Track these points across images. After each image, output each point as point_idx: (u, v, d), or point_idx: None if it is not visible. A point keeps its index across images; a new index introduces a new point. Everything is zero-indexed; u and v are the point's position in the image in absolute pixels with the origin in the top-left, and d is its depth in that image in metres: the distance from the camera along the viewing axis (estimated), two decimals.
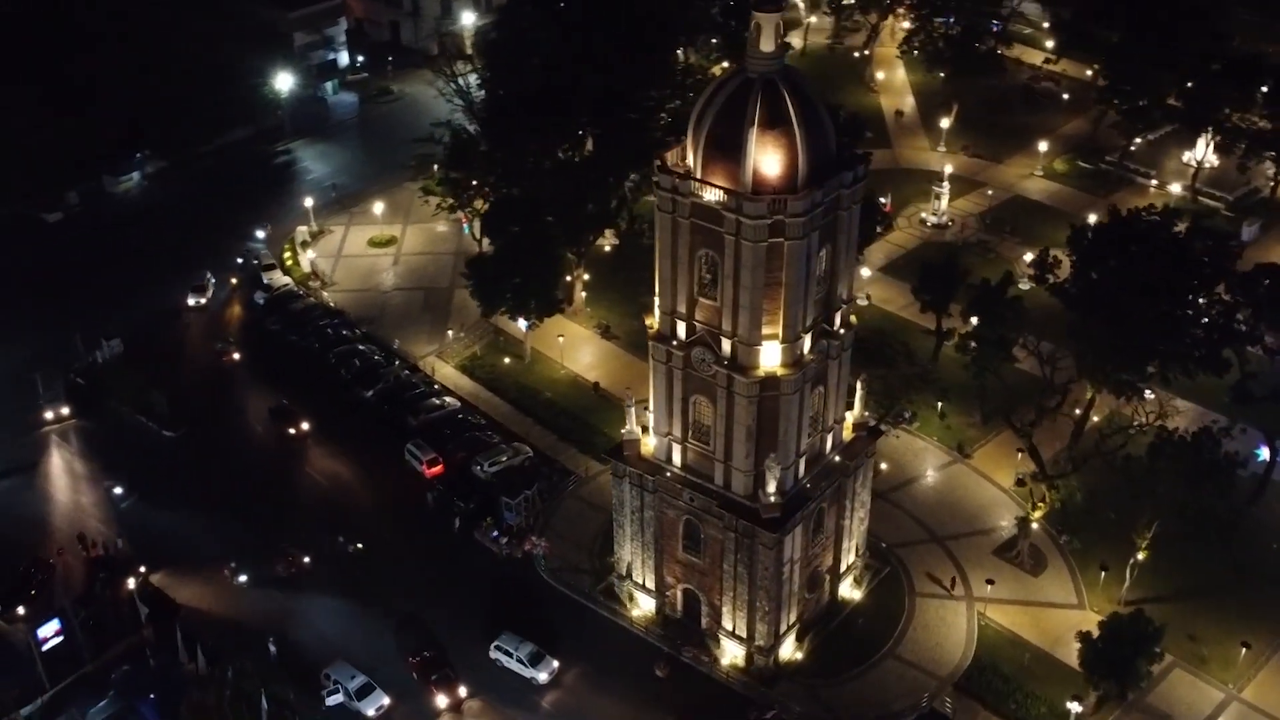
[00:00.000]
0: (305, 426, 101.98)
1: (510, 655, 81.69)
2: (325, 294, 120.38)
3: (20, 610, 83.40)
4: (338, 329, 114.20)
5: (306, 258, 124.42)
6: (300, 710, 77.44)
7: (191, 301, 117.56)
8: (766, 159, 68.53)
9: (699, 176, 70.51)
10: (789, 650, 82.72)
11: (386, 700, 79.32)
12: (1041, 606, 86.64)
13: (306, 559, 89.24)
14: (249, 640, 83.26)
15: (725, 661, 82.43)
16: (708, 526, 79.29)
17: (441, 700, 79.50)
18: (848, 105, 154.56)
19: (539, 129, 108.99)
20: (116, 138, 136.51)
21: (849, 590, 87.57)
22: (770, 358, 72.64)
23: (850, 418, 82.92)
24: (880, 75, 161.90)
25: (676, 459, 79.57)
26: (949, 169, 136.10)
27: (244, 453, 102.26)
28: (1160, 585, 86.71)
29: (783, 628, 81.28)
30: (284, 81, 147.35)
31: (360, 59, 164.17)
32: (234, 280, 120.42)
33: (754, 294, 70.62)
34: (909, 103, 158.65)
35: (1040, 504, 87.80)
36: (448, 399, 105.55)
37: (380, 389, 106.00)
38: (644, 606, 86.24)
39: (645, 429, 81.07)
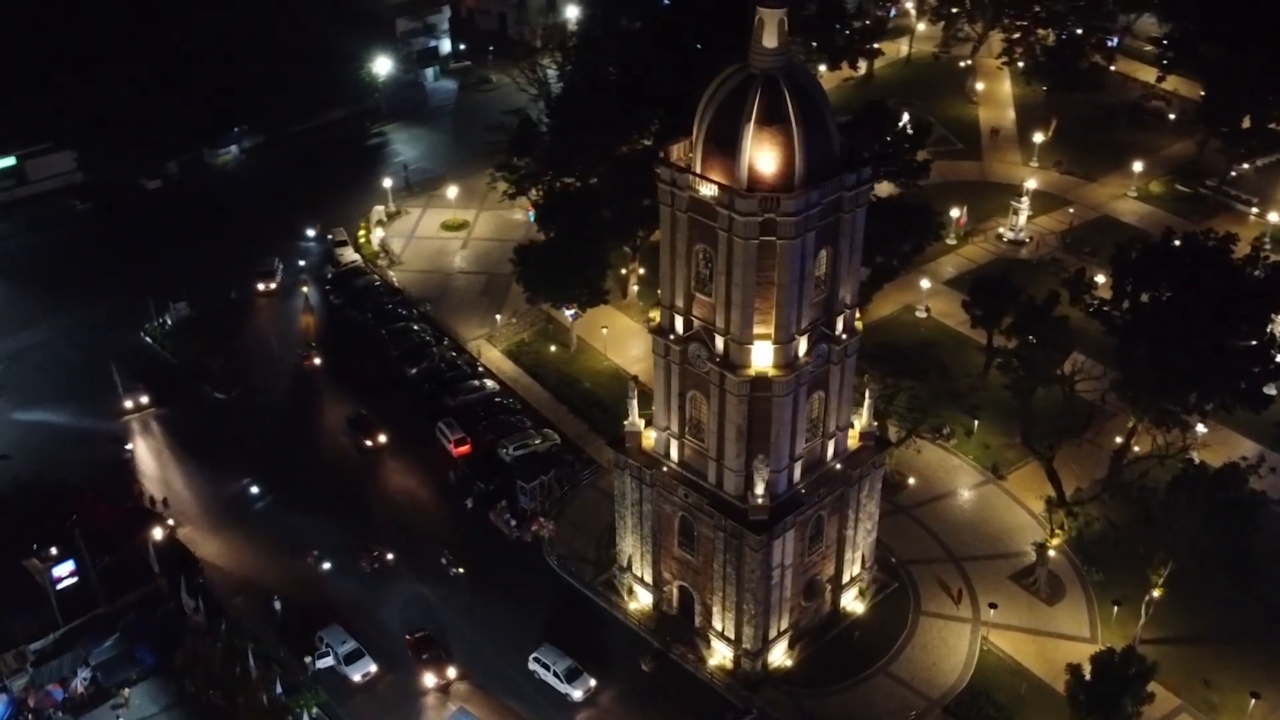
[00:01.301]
0: (383, 439, 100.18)
1: (547, 669, 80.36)
2: (391, 273, 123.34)
3: (53, 550, 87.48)
4: (396, 307, 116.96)
5: (376, 236, 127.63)
6: (290, 669, 79.56)
7: (260, 286, 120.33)
8: (762, 156, 67.81)
9: (698, 171, 70.21)
10: (780, 656, 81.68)
11: (374, 668, 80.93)
12: (1051, 637, 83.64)
13: (390, 555, 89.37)
14: (263, 600, 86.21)
15: (713, 662, 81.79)
16: (701, 524, 78.91)
17: (429, 679, 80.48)
18: (944, 116, 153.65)
19: (607, 120, 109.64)
20: (216, 112, 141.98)
21: (852, 602, 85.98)
22: (762, 358, 71.88)
23: (858, 426, 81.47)
24: (980, 86, 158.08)
25: (674, 454, 79.41)
26: (1032, 184, 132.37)
27: (285, 413, 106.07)
28: (1181, 624, 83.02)
29: (772, 633, 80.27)
30: (382, 65, 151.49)
31: (462, 47, 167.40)
32: (304, 289, 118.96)
33: (746, 292, 69.98)
34: (1009, 116, 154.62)
35: (1059, 531, 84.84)
36: (487, 382, 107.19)
37: (424, 367, 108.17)
38: (643, 600, 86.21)
39: (649, 422, 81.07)
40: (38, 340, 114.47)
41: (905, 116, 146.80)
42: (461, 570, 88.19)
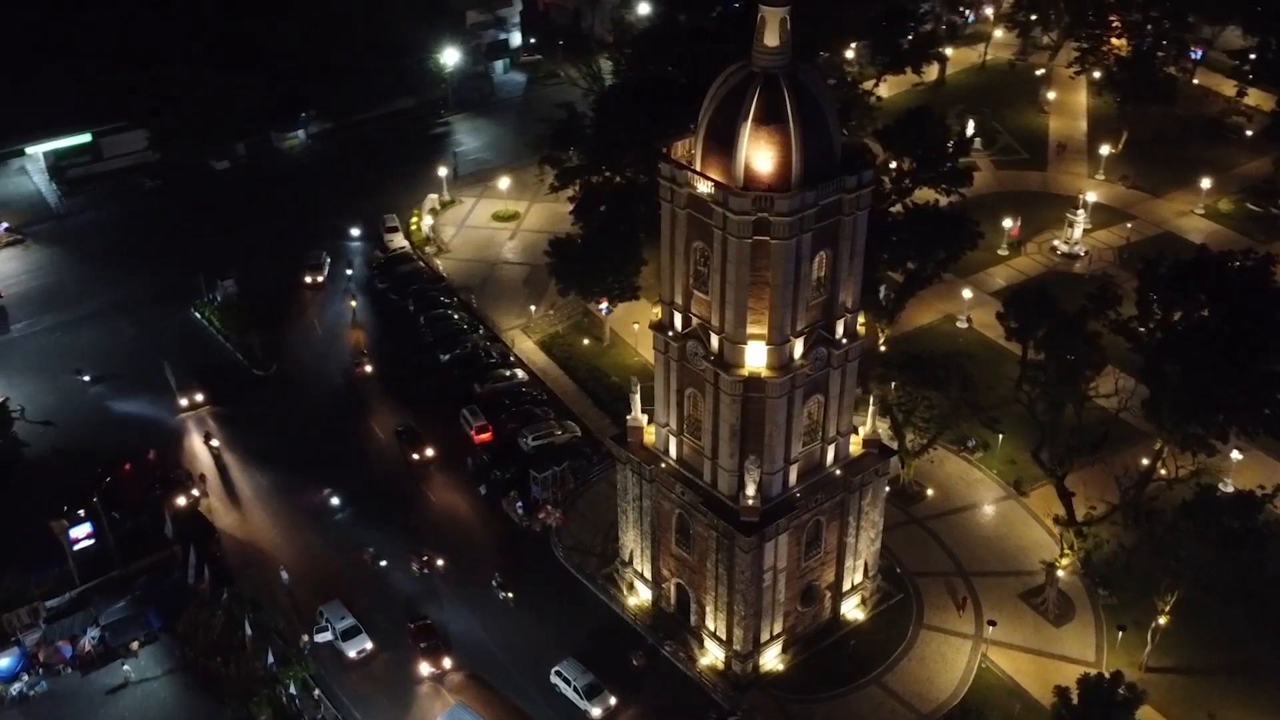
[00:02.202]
0: (430, 453, 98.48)
1: (568, 684, 78.98)
2: (437, 260, 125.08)
3: (80, 513, 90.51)
4: (438, 294, 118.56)
5: (425, 224, 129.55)
6: (288, 641, 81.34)
7: (308, 279, 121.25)
8: (758, 155, 67.39)
9: (697, 168, 70.07)
10: (772, 660, 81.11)
11: (369, 645, 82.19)
12: (1054, 659, 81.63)
13: (440, 561, 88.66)
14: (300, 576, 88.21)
15: (705, 662, 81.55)
16: (696, 523, 78.73)
17: (425, 668, 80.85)
18: (1014, 124, 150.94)
19: (647, 116, 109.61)
20: (286, 96, 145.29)
21: (853, 610, 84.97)
22: (756, 358, 71.47)
23: (863, 432, 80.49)
24: (1052, 96, 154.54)
25: (673, 451, 79.33)
26: (1092, 196, 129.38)
27: (324, 390, 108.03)
28: (1189, 654, 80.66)
29: (764, 636, 79.76)
30: (450, 56, 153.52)
31: (532, 40, 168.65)
32: (352, 302, 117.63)
33: (739, 291, 69.66)
34: (1080, 127, 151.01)
35: (1068, 551, 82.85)
36: (517, 371, 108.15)
37: (456, 354, 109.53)
38: (642, 596, 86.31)
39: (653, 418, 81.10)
40: (94, 311, 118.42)
41: (970, 124, 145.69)
42: (511, 595, 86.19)
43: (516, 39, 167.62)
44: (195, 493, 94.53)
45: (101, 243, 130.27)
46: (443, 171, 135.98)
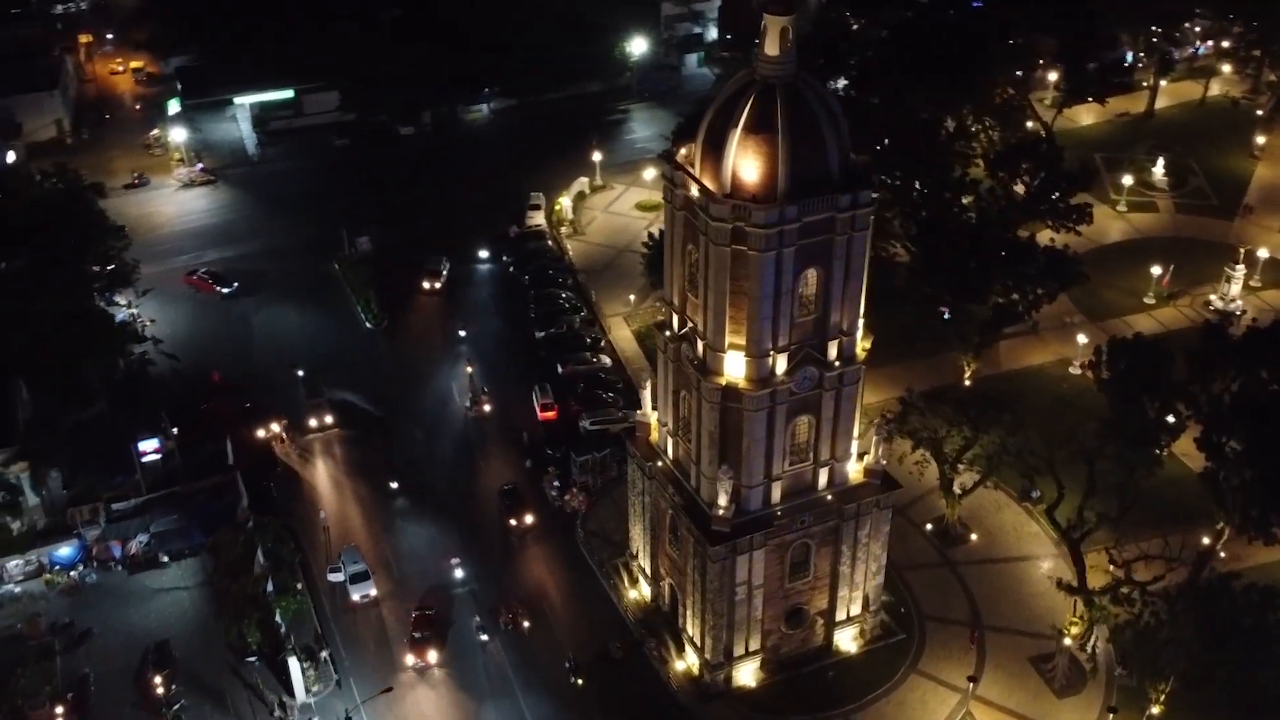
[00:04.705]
0: (530, 520, 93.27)
1: None
2: (567, 241, 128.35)
3: (175, 430, 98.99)
4: (556, 273, 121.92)
5: (565, 204, 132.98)
6: (303, 576, 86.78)
7: (425, 285, 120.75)
8: (745, 163, 66.74)
9: (696, 173, 69.93)
10: (747, 675, 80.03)
11: (373, 592, 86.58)
12: None
13: (527, 624, 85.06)
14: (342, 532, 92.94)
15: (681, 666, 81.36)
16: (681, 525, 78.65)
17: (410, 658, 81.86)
18: (1215, 166, 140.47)
19: None
20: (473, 72, 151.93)
21: (848, 642, 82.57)
22: (735, 368, 70.87)
23: (867, 460, 78.03)
24: (1262, 140, 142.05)
25: (670, 451, 79.52)
26: (1264, 253, 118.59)
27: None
28: None
29: (738, 650, 78.84)
30: (637, 46, 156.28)
31: (729, 36, 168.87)
32: (469, 369, 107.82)
33: (718, 298, 69.28)
34: None
35: (1076, 620, 77.61)
36: (603, 357, 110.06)
37: (551, 332, 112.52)
38: (644, 591, 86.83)
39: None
40: (252, 252, 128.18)
41: (1160, 161, 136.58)
42: (580, 681, 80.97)
43: (712, 34, 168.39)
44: (275, 427, 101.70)
45: (283, 191, 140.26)
46: (597, 156, 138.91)
